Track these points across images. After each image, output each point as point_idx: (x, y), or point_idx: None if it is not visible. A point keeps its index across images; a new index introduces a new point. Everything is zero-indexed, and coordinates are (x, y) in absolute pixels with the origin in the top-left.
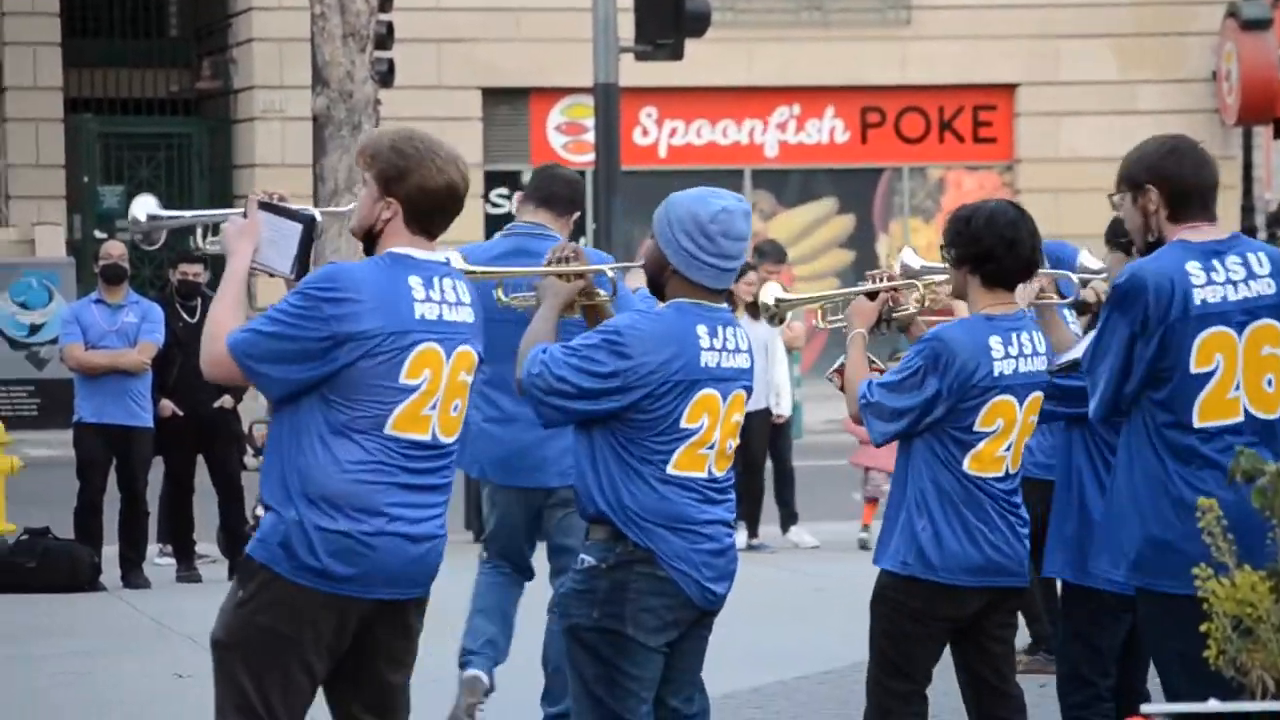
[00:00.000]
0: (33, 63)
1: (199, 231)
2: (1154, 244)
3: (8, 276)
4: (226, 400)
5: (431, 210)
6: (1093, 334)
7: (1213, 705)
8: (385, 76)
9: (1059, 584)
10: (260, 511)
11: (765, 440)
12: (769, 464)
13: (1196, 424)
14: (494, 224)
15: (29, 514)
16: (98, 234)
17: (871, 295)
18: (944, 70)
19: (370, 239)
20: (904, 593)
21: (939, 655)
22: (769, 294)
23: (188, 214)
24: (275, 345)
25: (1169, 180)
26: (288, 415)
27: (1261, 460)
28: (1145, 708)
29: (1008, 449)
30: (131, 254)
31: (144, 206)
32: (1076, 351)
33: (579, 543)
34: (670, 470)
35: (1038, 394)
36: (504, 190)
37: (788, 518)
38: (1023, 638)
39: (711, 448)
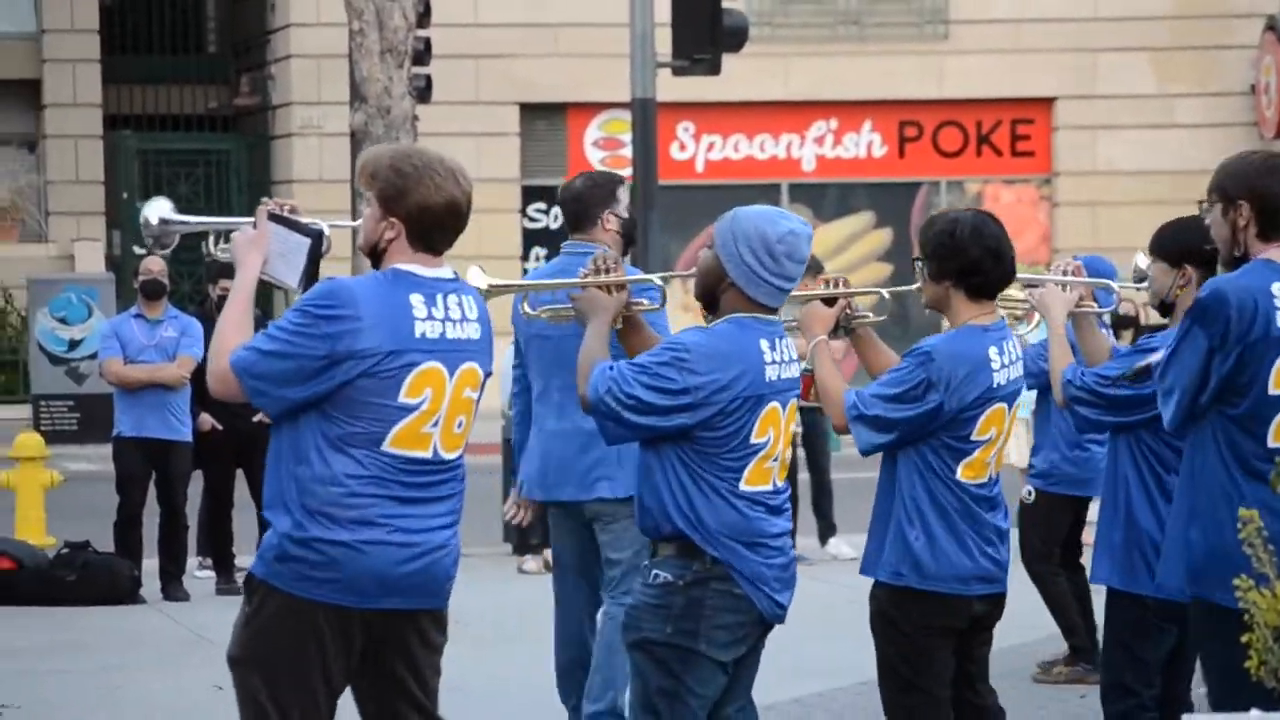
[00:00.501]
0: (72, 80)
1: (210, 238)
2: (1239, 259)
3: (47, 292)
4: (265, 414)
5: (432, 228)
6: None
7: (1255, 716)
8: (423, 92)
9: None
10: None
11: (794, 454)
12: (807, 476)
13: (1271, 444)
14: (531, 238)
15: (69, 528)
16: (137, 249)
17: (829, 301)
18: (981, 84)
19: (375, 256)
20: (901, 605)
21: (951, 662)
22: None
23: (200, 220)
24: (275, 364)
25: (1263, 197)
26: (287, 428)
27: None
28: (1187, 718)
29: (994, 455)
30: (171, 269)
31: (157, 210)
32: (1152, 357)
33: (627, 555)
34: (743, 486)
35: (1020, 400)
36: (541, 205)
37: (826, 530)
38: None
39: (776, 460)
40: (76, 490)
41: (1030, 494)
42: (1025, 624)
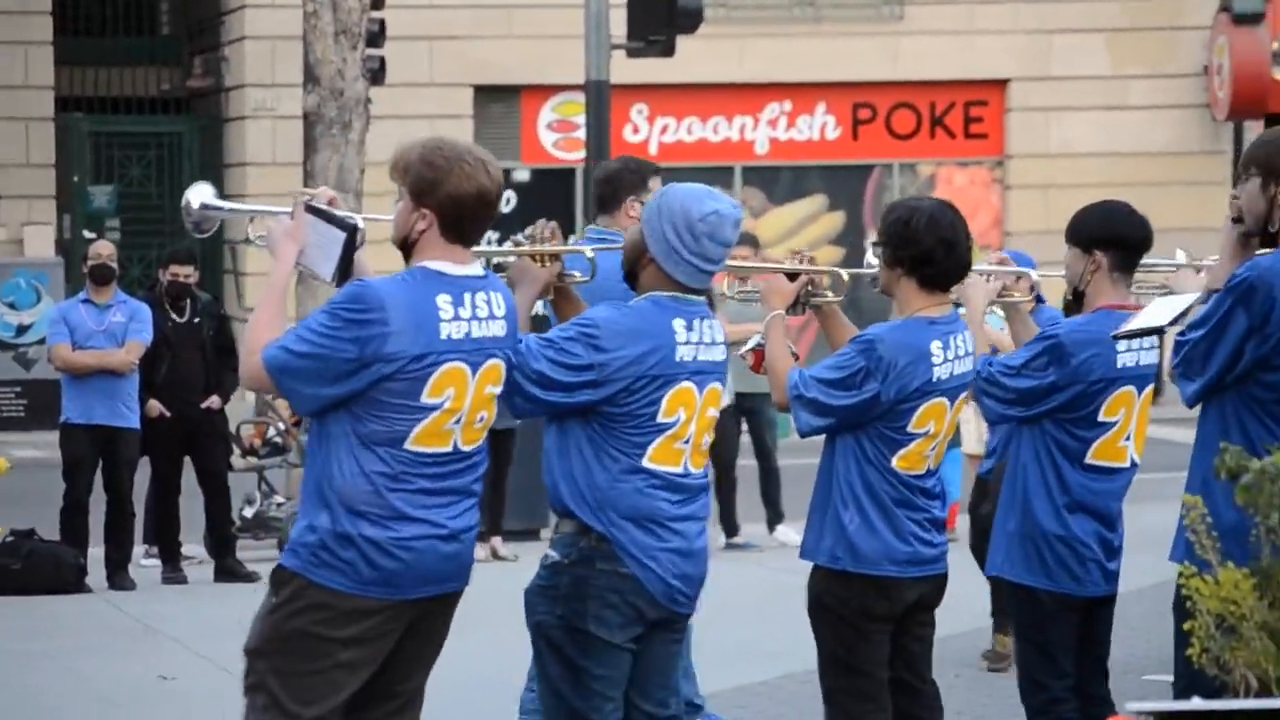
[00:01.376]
0: (24, 61)
1: (247, 225)
2: (1269, 236)
3: None
4: (214, 401)
5: (464, 218)
6: (1163, 299)
7: (1196, 703)
8: (377, 74)
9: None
10: (247, 512)
11: (735, 439)
12: (755, 463)
13: None
14: None
15: (15, 515)
16: (86, 234)
17: (792, 276)
18: (936, 66)
19: (407, 249)
20: (838, 590)
21: (887, 646)
22: None
23: (239, 207)
24: (305, 364)
25: None
26: (317, 426)
27: (1246, 457)
28: (1130, 705)
29: (934, 449)
30: (121, 254)
31: (199, 194)
32: (1153, 319)
33: None
34: (645, 462)
35: (965, 394)
36: None
37: (774, 517)
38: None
39: (687, 442)
40: (22, 477)
41: None
42: (979, 610)
